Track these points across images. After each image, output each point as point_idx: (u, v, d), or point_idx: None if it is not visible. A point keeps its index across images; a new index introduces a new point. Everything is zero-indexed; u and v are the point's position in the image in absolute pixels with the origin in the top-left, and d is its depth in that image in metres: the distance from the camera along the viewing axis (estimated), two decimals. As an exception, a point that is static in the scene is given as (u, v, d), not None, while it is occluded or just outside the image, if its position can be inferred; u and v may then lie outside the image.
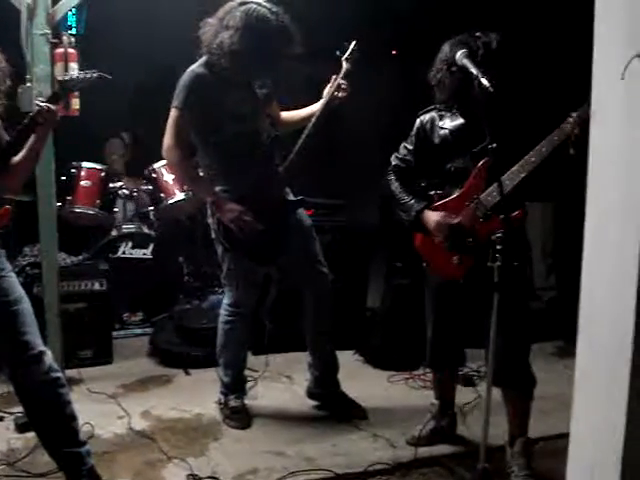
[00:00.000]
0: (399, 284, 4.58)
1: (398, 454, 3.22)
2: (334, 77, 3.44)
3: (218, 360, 3.69)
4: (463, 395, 3.51)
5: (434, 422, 3.39)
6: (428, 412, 3.43)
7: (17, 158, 2.68)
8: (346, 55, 3.43)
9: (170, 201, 5.09)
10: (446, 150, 3.03)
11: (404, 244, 3.39)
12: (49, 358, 2.67)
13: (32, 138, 2.67)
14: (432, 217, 3.01)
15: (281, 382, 4.16)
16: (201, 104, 3.27)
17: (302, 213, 3.60)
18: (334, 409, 3.67)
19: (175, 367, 4.31)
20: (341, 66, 3.43)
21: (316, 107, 3.49)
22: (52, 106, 2.64)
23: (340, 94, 3.42)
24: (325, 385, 3.70)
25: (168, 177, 5.13)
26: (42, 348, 2.66)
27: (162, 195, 5.11)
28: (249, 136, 3.38)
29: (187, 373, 4.26)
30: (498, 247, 2.58)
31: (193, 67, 3.31)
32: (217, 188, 3.39)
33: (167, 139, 3.32)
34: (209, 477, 2.98)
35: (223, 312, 3.63)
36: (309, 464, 3.13)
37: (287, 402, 3.86)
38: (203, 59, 3.29)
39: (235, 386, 3.67)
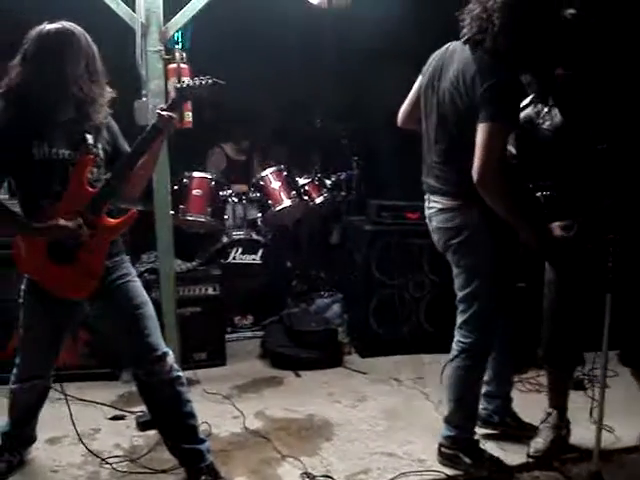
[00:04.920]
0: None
1: (509, 457, 3.19)
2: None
3: (454, 417, 3.10)
4: (574, 399, 3.41)
5: (553, 432, 3.23)
6: (543, 422, 3.28)
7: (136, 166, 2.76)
8: None
9: (278, 208, 5.23)
10: (549, 150, 2.97)
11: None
12: (171, 358, 2.81)
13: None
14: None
15: (389, 384, 4.18)
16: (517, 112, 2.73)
17: None
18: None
19: (286, 369, 4.40)
20: None
21: None
22: (172, 114, 2.70)
23: None
24: None
25: (275, 184, 5.27)
26: (165, 349, 2.80)
27: (270, 202, 5.26)
28: None
29: (297, 375, 4.34)
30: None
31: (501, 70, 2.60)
32: None
33: (489, 162, 2.56)
34: (323, 476, 3.04)
35: (462, 356, 3.01)
36: (420, 465, 3.15)
37: (397, 404, 3.88)
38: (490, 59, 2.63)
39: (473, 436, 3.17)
